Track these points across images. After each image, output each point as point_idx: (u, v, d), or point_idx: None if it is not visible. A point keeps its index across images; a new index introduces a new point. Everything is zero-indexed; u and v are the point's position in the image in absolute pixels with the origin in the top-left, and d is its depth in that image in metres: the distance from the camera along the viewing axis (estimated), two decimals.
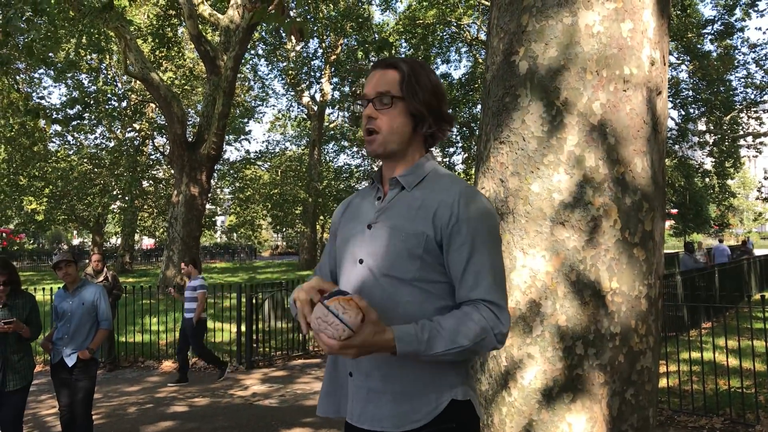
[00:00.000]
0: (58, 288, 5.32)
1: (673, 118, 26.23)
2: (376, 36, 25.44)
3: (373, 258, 1.72)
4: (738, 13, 23.18)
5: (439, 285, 1.69)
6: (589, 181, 2.54)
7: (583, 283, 2.52)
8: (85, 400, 5.09)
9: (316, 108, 31.70)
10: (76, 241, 55.24)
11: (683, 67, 25.13)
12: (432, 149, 1.88)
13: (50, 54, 19.81)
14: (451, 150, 31.54)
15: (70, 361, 4.98)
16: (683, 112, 26.16)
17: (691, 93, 25.96)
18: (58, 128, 25.36)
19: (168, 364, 9.39)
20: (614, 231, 2.54)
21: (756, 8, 22.36)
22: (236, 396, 7.43)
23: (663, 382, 6.77)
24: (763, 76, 24.47)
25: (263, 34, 26.27)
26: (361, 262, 1.75)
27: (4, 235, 35.59)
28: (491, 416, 2.62)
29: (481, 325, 1.59)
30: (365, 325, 1.44)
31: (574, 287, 2.52)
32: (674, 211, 34.49)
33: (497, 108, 2.75)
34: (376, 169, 1.92)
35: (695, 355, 7.01)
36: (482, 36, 26.66)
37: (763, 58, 23.90)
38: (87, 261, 9.66)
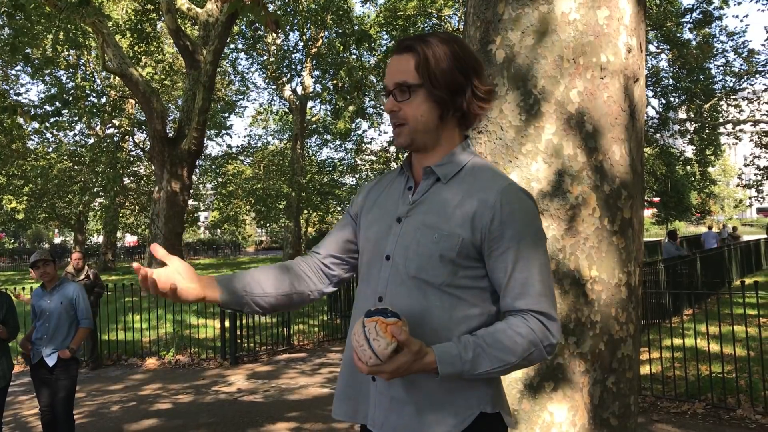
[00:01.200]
0: (36, 287, 5.25)
1: (653, 107, 26.40)
2: (357, 28, 25.33)
3: (402, 257, 1.57)
4: (716, 1, 23.35)
5: (470, 291, 1.55)
6: (568, 170, 2.53)
7: (563, 271, 2.51)
8: (67, 399, 5.04)
9: (297, 102, 31.56)
10: (57, 240, 54.74)
11: (663, 55, 25.28)
12: (469, 133, 1.72)
13: (27, 50, 19.57)
14: None
15: (51, 361, 4.93)
16: (664, 101, 26.34)
17: (671, 81, 26.13)
18: (37, 126, 25.00)
19: (152, 362, 9.33)
20: (593, 219, 2.54)
21: None
22: (221, 392, 7.39)
23: (645, 369, 6.81)
24: (741, 64, 24.68)
25: (243, 27, 26.08)
26: (388, 258, 1.60)
27: None
28: None
29: (529, 338, 1.46)
30: (400, 356, 1.34)
31: (554, 276, 2.52)
32: (656, 199, 34.75)
33: None
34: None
35: (677, 341, 7.05)
36: (462, 27, 26.62)
37: (741, 46, 24.10)
38: (68, 259, 9.56)
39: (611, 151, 2.58)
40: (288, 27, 28.17)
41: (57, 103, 20.47)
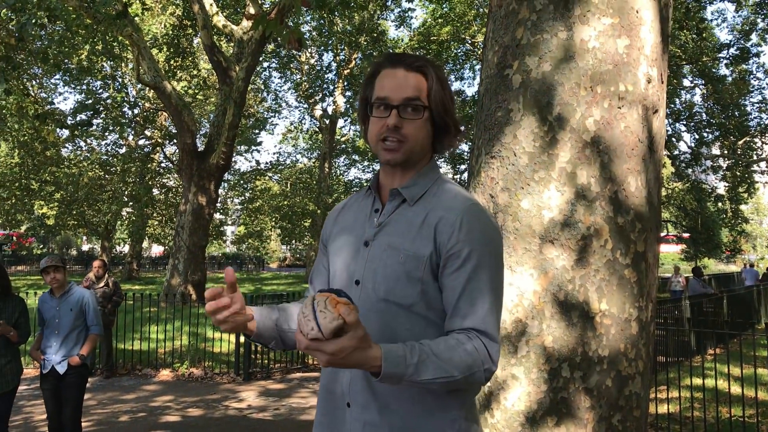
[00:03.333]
0: (43, 293, 5.24)
1: (686, 141, 26.14)
2: (391, 50, 25.49)
3: (371, 280, 1.57)
4: (754, 38, 23.11)
5: (441, 312, 1.54)
6: (581, 199, 2.48)
7: (572, 303, 2.45)
8: (76, 407, 5.02)
9: (328, 121, 31.77)
10: (85, 247, 55.50)
11: (697, 90, 25.03)
12: (435, 156, 1.71)
13: (65, 60, 20.00)
14: (462, 167, 31.52)
15: (62, 369, 4.91)
16: (697, 136, 26.04)
17: (705, 116, 25.84)
18: (67, 134, 25.49)
19: (165, 373, 9.34)
20: (605, 251, 2.47)
21: None
22: (231, 408, 7.35)
23: (664, 408, 6.64)
24: None
25: (277, 47, 26.40)
26: (357, 283, 1.59)
27: (13, 238, 35.80)
28: None
29: (473, 357, 1.42)
30: (344, 338, 1.24)
31: (561, 307, 2.45)
32: (686, 235, 34.21)
33: (489, 122, 2.70)
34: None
35: (698, 381, 6.86)
36: None
37: None
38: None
39: (627, 182, 2.52)
40: (321, 48, 28.46)
41: (88, 112, 20.85)
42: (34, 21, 9.93)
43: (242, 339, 9.20)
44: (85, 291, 5.18)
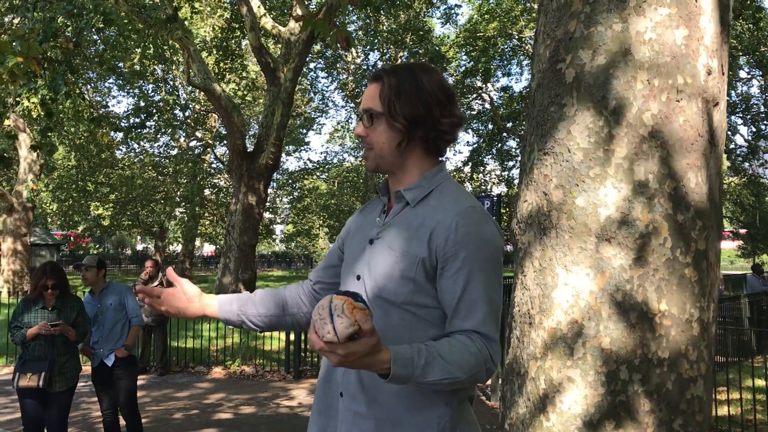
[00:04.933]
0: (86, 294, 5.48)
1: (742, 135, 25.36)
2: (438, 48, 25.40)
3: (369, 276, 1.65)
4: None
5: (431, 311, 1.60)
6: (638, 196, 2.40)
7: (630, 304, 2.37)
8: (130, 399, 5.23)
9: None
10: (139, 247, 56.82)
11: (755, 81, 24.24)
12: (443, 158, 1.77)
13: (118, 63, 20.48)
14: (510, 164, 31.20)
15: (110, 361, 5.19)
16: (754, 129, 25.24)
17: (762, 108, 25.02)
18: (121, 136, 26.12)
19: (218, 371, 9.48)
20: (664, 249, 2.39)
21: None
22: (281, 405, 7.42)
23: (724, 410, 6.44)
24: None
25: (324, 47, 26.55)
26: (359, 278, 1.69)
27: (71, 238, 36.85)
28: None
29: (476, 358, 1.48)
30: (356, 343, 1.28)
31: (619, 308, 2.38)
32: (743, 231, 33.25)
33: (542, 117, 2.63)
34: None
35: (760, 383, 6.64)
36: None
37: None
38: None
39: (686, 178, 2.43)
40: (368, 47, 28.52)
41: (142, 115, 21.31)
42: (90, 25, 10.18)
43: (292, 337, 9.27)
44: (122, 286, 5.52)
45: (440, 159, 1.76)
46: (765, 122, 25.50)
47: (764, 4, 22.76)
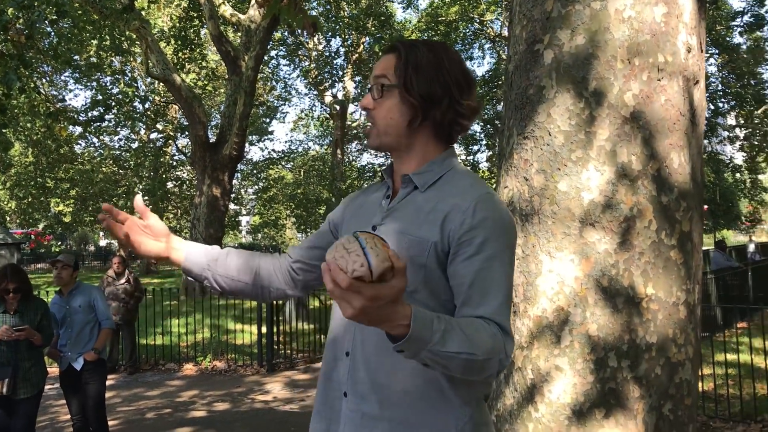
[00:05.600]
0: (54, 295, 5.30)
1: None
2: (401, 34, 25.28)
3: None
4: None
5: (448, 304, 1.46)
6: (622, 179, 2.35)
7: (616, 289, 2.32)
8: (98, 403, 5.09)
9: (338, 107, 31.61)
10: (103, 242, 55.84)
11: (712, 60, 24.60)
12: (454, 144, 1.64)
13: (74, 56, 19.95)
14: (475, 148, 31.27)
15: (78, 365, 5.02)
16: (712, 106, 25.63)
17: (720, 86, 25.43)
18: (80, 130, 25.53)
19: (189, 367, 9.32)
20: (649, 232, 2.34)
21: None
22: (257, 400, 7.31)
23: (698, 389, 6.51)
24: None
25: (284, 34, 26.24)
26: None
27: (32, 237, 36.02)
28: None
29: (494, 341, 1.32)
30: (386, 285, 1.09)
31: (605, 294, 2.33)
32: (704, 207, 33.85)
33: (521, 101, 2.56)
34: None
35: (730, 357, 6.73)
36: (506, 32, 26.38)
37: None
38: (111, 263, 9.66)
39: (669, 159, 2.38)
40: (329, 33, 28.25)
41: (101, 109, 20.82)
42: (43, 17, 9.84)
43: (264, 330, 9.15)
44: (92, 287, 5.34)
45: (449, 145, 1.63)
46: (723, 100, 25.91)
47: None
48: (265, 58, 23.02)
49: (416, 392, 1.44)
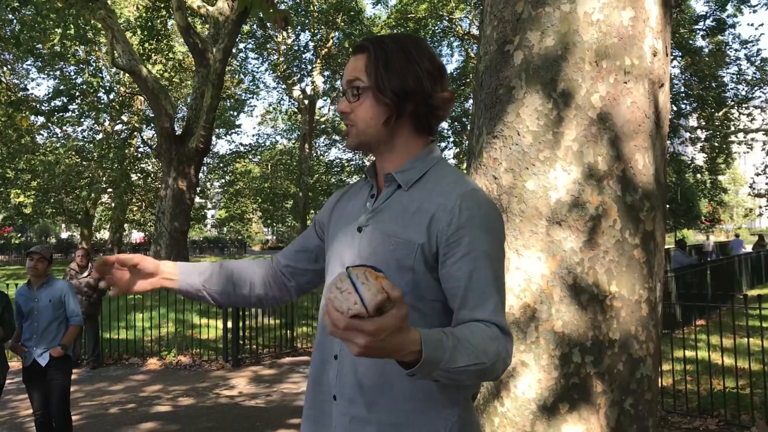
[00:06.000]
0: (21, 285, 5.15)
1: None
2: (370, 30, 25.26)
3: None
4: (730, 9, 23.14)
5: (432, 303, 1.46)
6: (588, 179, 2.39)
7: (581, 286, 2.38)
8: (62, 399, 4.97)
9: (307, 102, 31.48)
10: (64, 235, 54.84)
11: (675, 62, 25.06)
12: (435, 138, 1.63)
13: (37, 45, 19.54)
14: (442, 145, 31.43)
15: (43, 361, 4.86)
16: (675, 108, 26.12)
17: (683, 88, 25.92)
18: (42, 120, 25.00)
19: (153, 362, 9.23)
20: (614, 231, 2.40)
21: (748, 4, 22.29)
22: (222, 395, 7.27)
23: (658, 384, 6.65)
24: (754, 72, 24.45)
25: (253, 27, 26.03)
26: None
27: None
28: (482, 428, 2.47)
29: (497, 344, 1.32)
30: (386, 316, 1.08)
31: (571, 291, 2.38)
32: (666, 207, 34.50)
33: (490, 100, 2.60)
34: (368, 163, 1.72)
35: (689, 353, 6.88)
36: (474, 30, 26.55)
37: (755, 54, 23.88)
38: (74, 255, 9.50)
39: (634, 160, 2.44)
40: (299, 27, 28.12)
41: (64, 99, 20.43)
42: (5, 4, 9.63)
43: (230, 325, 9.10)
44: (63, 283, 5.18)
45: (431, 138, 1.62)
46: (685, 102, 26.41)
47: None
48: (234, 50, 22.82)
49: (405, 395, 1.43)
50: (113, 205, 29.17)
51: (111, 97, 26.49)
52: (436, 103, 1.54)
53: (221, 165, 35.40)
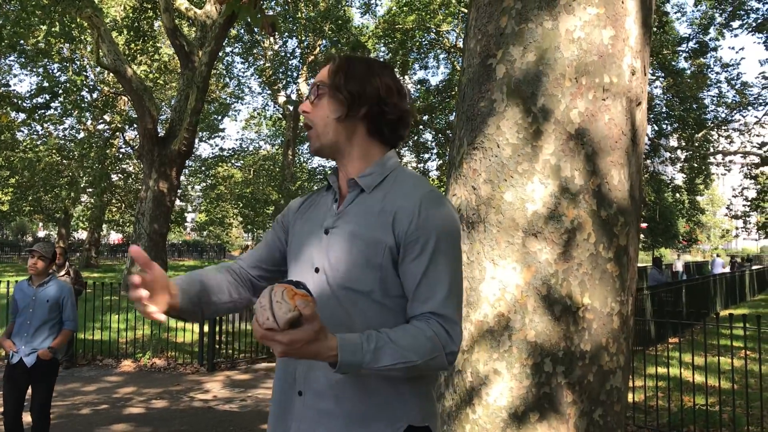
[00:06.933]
0: (22, 279, 5.05)
1: (647, 134, 26.54)
2: (352, 38, 25.33)
3: (330, 267, 1.57)
4: (712, 32, 23.51)
5: (399, 300, 1.55)
6: (564, 192, 2.45)
7: (554, 297, 2.42)
8: (45, 403, 4.79)
9: (291, 108, 31.47)
10: (41, 233, 54.23)
11: (657, 83, 25.40)
12: (395, 148, 1.72)
13: (21, 41, 19.38)
14: (426, 156, 31.55)
15: (30, 361, 4.69)
16: (656, 128, 26.46)
17: (664, 109, 26.26)
18: (24, 117, 24.74)
19: (127, 364, 9.15)
20: (588, 245, 2.45)
21: (730, 28, 22.67)
22: (196, 399, 7.23)
23: (629, 397, 6.72)
24: (734, 96, 24.83)
25: (240, 31, 26.03)
26: (317, 270, 1.60)
27: None
28: None
29: (433, 342, 1.44)
30: (298, 330, 1.24)
31: (544, 302, 2.42)
32: (644, 225, 34.87)
33: (472, 112, 2.65)
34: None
35: (661, 370, 6.97)
36: (461, 43, 26.71)
37: (735, 77, 24.25)
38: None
39: (610, 176, 2.50)
40: (286, 34, 28.14)
41: (46, 96, 20.27)
42: None
43: (206, 329, 9.06)
44: (64, 285, 4.97)
45: (390, 148, 1.70)
46: (666, 122, 26.75)
47: (667, 8, 23.82)
48: (220, 54, 22.79)
49: (370, 388, 1.51)
50: (92, 204, 28.87)
51: (94, 96, 26.33)
52: (389, 110, 1.64)
53: (203, 168, 35.24)
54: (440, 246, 1.53)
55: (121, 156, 30.84)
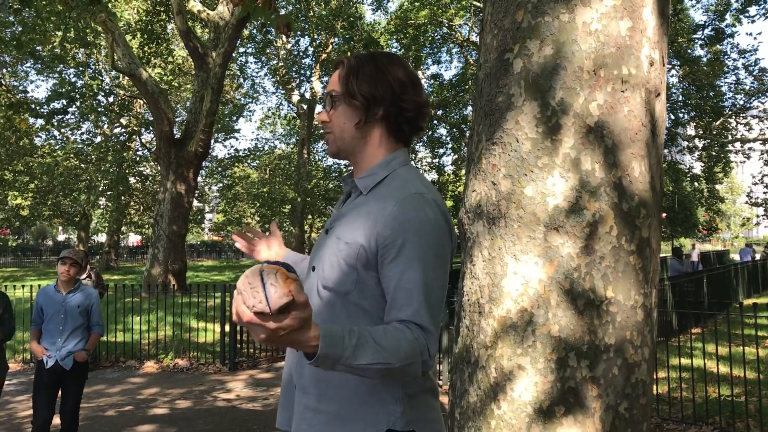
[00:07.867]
0: (47, 284, 5.15)
1: None
2: (365, 35, 25.31)
3: (320, 267, 1.62)
4: (728, 18, 23.25)
5: (375, 302, 1.56)
6: (585, 185, 2.43)
7: (577, 291, 2.41)
8: (77, 404, 5.05)
9: (305, 107, 31.53)
10: (61, 237, 54.77)
11: (674, 71, 25.17)
12: (405, 146, 1.73)
13: (37, 47, 19.57)
14: (441, 151, 31.51)
15: (68, 364, 4.87)
16: (673, 117, 26.24)
17: (681, 97, 26.03)
18: (41, 122, 24.99)
19: (150, 365, 9.24)
20: (610, 238, 2.43)
21: (747, 14, 22.39)
22: (219, 399, 7.29)
23: (653, 390, 6.69)
24: (752, 82, 24.55)
25: (253, 31, 26.10)
26: (314, 269, 1.66)
27: None
28: (479, 430, 2.50)
29: (413, 347, 1.42)
30: (289, 317, 1.18)
31: (567, 296, 2.41)
32: (663, 215, 34.59)
33: (489, 108, 2.64)
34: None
35: (685, 361, 6.92)
36: (473, 37, 26.64)
37: (753, 64, 23.98)
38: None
39: (631, 168, 2.48)
40: (299, 32, 28.19)
41: (63, 101, 20.45)
42: (6, 6, 9.67)
43: (227, 328, 9.12)
44: (92, 291, 5.18)
45: (402, 144, 1.71)
46: (683, 110, 26.53)
47: None
48: (233, 55, 22.88)
49: (350, 388, 1.53)
50: (110, 207, 29.08)
51: (110, 99, 26.53)
52: (407, 106, 1.65)
53: (219, 169, 35.42)
54: (416, 251, 1.51)
55: (138, 159, 31.06)
